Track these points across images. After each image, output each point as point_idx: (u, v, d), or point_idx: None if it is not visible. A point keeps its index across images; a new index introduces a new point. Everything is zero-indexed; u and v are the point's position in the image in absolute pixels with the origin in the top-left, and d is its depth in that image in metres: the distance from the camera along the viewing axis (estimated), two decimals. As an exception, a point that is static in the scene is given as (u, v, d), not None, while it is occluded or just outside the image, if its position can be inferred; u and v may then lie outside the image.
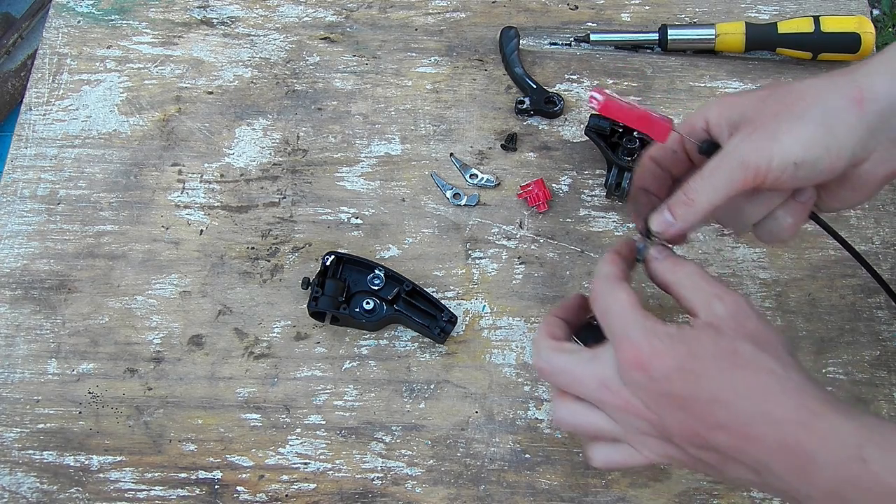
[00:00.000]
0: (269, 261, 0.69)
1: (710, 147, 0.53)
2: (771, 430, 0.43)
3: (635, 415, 0.46)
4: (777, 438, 0.43)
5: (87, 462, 0.62)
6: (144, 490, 0.61)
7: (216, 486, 0.61)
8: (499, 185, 0.72)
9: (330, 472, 0.61)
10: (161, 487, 0.61)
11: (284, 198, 0.72)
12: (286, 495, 0.61)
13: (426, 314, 0.64)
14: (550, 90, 0.75)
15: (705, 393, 0.45)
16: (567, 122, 0.74)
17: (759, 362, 0.45)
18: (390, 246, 0.69)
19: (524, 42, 0.78)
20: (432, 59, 0.78)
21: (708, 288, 0.48)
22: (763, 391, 0.44)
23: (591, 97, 0.55)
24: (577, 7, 0.81)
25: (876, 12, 1.90)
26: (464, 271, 0.68)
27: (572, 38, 0.78)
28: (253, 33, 0.79)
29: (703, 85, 0.76)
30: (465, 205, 0.71)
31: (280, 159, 0.73)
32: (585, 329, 0.55)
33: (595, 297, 0.49)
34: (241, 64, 0.78)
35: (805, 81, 0.49)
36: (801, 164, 0.47)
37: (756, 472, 0.44)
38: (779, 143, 0.47)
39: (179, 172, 0.73)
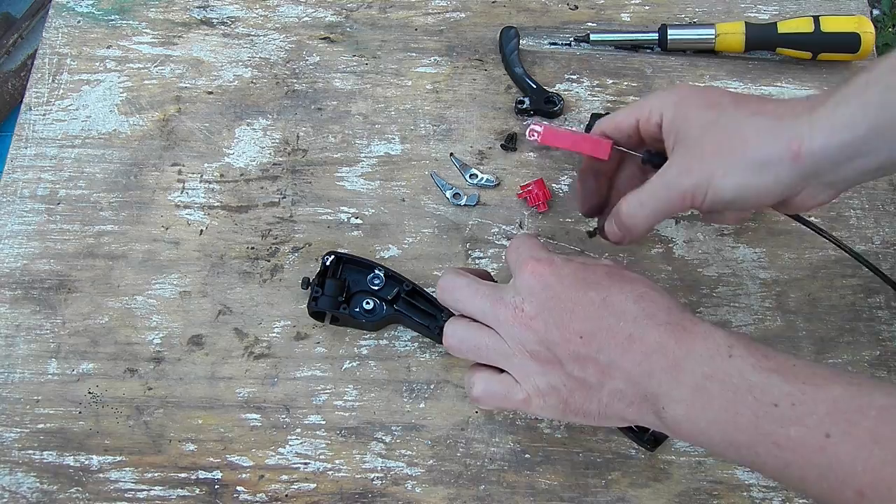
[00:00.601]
0: (269, 261, 0.69)
1: (652, 158, 0.58)
2: (653, 332, 0.48)
3: (524, 325, 0.50)
4: (656, 339, 0.47)
5: (87, 462, 0.62)
6: (144, 490, 0.61)
7: (216, 486, 0.61)
8: (499, 185, 0.72)
9: (330, 472, 0.61)
10: (161, 487, 0.61)
11: (284, 198, 0.72)
12: (286, 495, 0.61)
13: (426, 314, 0.64)
14: (550, 90, 0.75)
15: (596, 297, 0.50)
16: (567, 122, 0.74)
17: (643, 280, 0.52)
18: (390, 246, 0.69)
19: (524, 42, 0.78)
20: (432, 59, 0.78)
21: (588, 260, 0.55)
22: (649, 301, 0.49)
23: (531, 130, 0.60)
24: (577, 7, 0.81)
25: (876, 12, 1.90)
26: (464, 271, 0.68)
27: (572, 38, 0.78)
28: (253, 33, 0.79)
29: (703, 85, 0.76)
30: (465, 205, 0.71)
31: (280, 159, 0.73)
32: None
33: (511, 244, 0.56)
34: (241, 64, 0.78)
35: (749, 119, 0.51)
36: (732, 201, 0.52)
37: (631, 382, 0.47)
38: (713, 184, 0.51)
39: (179, 172, 0.73)
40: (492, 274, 0.62)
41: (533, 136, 0.61)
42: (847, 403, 0.41)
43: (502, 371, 0.53)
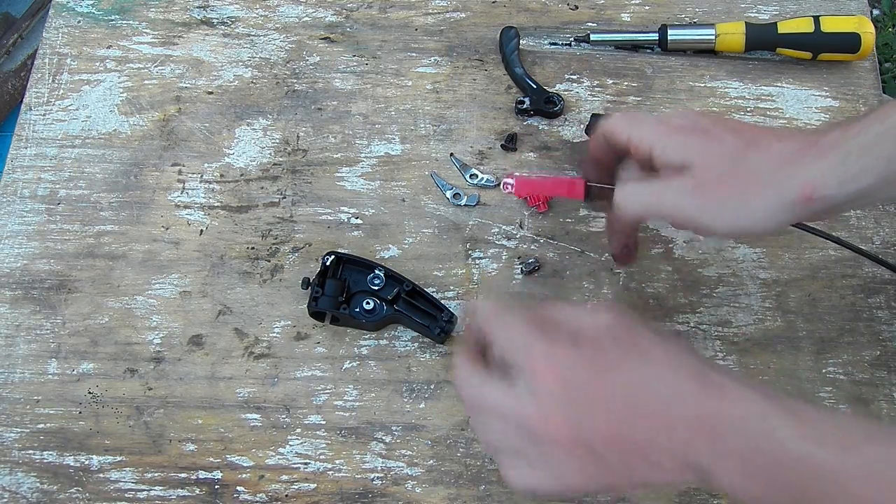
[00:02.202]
0: (269, 261, 0.69)
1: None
2: (685, 406, 0.45)
3: (549, 429, 0.46)
4: (694, 413, 0.45)
5: (87, 462, 0.62)
6: (144, 490, 0.61)
7: (216, 486, 0.61)
8: (499, 185, 0.72)
9: (330, 472, 0.61)
10: (161, 487, 0.61)
11: (284, 198, 0.72)
12: (286, 495, 0.61)
13: (426, 314, 0.64)
14: (550, 90, 0.75)
15: (618, 383, 0.46)
16: (567, 122, 0.74)
17: (661, 347, 0.48)
18: (390, 246, 0.69)
19: (524, 42, 0.78)
20: (432, 59, 0.78)
21: (582, 309, 0.51)
22: (673, 371, 0.46)
23: (504, 184, 0.61)
24: (577, 7, 0.81)
25: (876, 12, 1.90)
26: (464, 271, 0.68)
27: (572, 38, 0.78)
28: (253, 33, 0.79)
29: (703, 85, 0.76)
30: (465, 205, 0.71)
31: (280, 159, 0.73)
32: None
33: (493, 325, 0.50)
34: (241, 64, 0.78)
35: (758, 161, 0.51)
36: (738, 234, 0.53)
37: (671, 455, 0.45)
38: (723, 218, 0.51)
39: (179, 172, 0.73)
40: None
41: (507, 188, 0.62)
42: (887, 465, 0.41)
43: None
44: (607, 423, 0.46)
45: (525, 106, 0.74)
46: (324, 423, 0.63)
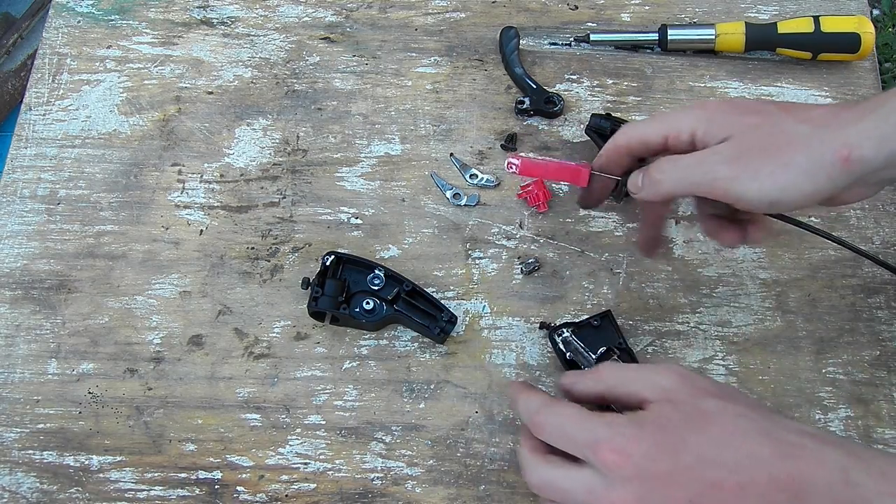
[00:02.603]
0: (269, 261, 0.69)
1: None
2: (761, 472, 0.44)
3: None
4: (768, 477, 0.43)
5: (87, 462, 0.62)
6: (144, 490, 0.61)
7: (216, 486, 0.61)
8: (499, 185, 0.72)
9: (330, 472, 0.61)
10: (161, 487, 0.61)
11: (284, 198, 0.72)
12: (286, 495, 0.61)
13: (426, 314, 0.64)
14: (550, 90, 0.75)
15: (689, 459, 0.45)
16: (567, 122, 0.74)
17: (726, 411, 0.46)
18: (390, 246, 0.69)
19: (524, 42, 0.78)
20: (432, 59, 0.78)
21: (639, 372, 0.50)
22: (742, 436, 0.45)
23: (509, 163, 0.60)
24: (577, 7, 0.81)
25: (876, 12, 1.90)
26: (464, 271, 0.68)
27: (572, 38, 0.78)
28: (253, 33, 0.79)
29: (703, 85, 0.76)
30: (465, 205, 0.71)
31: (280, 159, 0.73)
32: None
33: (545, 424, 0.49)
34: (241, 64, 0.78)
35: (796, 125, 0.51)
36: (775, 202, 0.50)
37: None
38: (759, 183, 0.50)
39: (179, 172, 0.73)
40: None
41: (511, 168, 0.61)
42: None
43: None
44: (680, 499, 0.44)
45: (525, 106, 0.74)
46: (324, 423, 0.63)
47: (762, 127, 0.51)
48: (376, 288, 0.65)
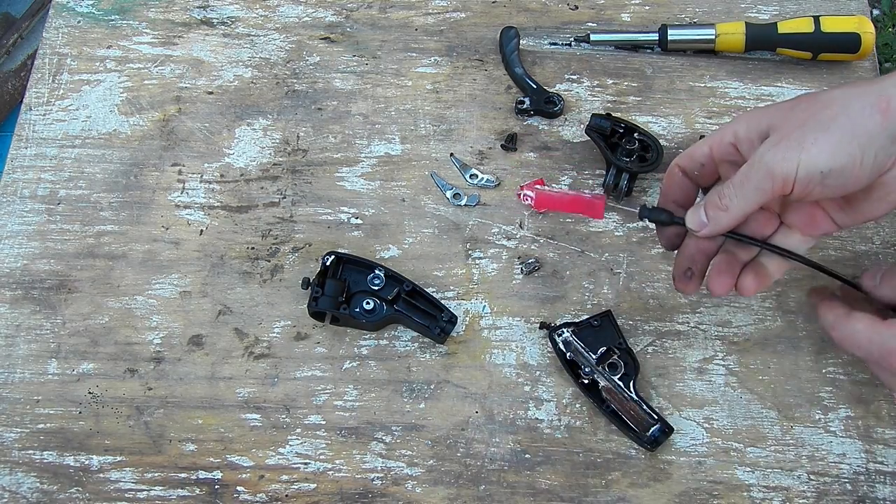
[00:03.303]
0: (269, 261, 0.69)
1: (649, 213, 0.56)
2: None
3: None
4: None
5: (87, 462, 0.62)
6: (144, 490, 0.61)
7: (216, 486, 0.61)
8: (499, 185, 0.72)
9: (330, 472, 0.61)
10: (161, 487, 0.61)
11: (284, 198, 0.72)
12: (286, 495, 0.61)
13: (426, 314, 0.64)
14: (550, 90, 0.75)
15: None
16: (567, 122, 0.74)
17: None
18: (390, 246, 0.69)
19: (524, 42, 0.78)
20: (432, 59, 0.78)
21: None
22: None
23: (524, 195, 0.59)
24: (577, 7, 0.81)
25: (876, 12, 1.90)
26: (464, 271, 0.68)
27: (572, 38, 0.78)
28: (253, 33, 0.79)
29: (703, 85, 0.76)
30: (465, 205, 0.71)
31: (280, 159, 0.73)
32: None
33: (841, 338, 0.53)
34: (241, 64, 0.78)
35: (832, 90, 0.50)
36: (827, 173, 0.48)
37: None
38: (805, 153, 0.48)
39: (179, 172, 0.73)
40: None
41: (526, 200, 0.61)
42: None
43: None
44: None
45: (525, 106, 0.74)
46: (324, 423, 0.63)
47: (799, 106, 0.51)
48: (376, 288, 0.65)
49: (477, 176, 0.72)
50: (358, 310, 0.64)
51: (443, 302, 0.64)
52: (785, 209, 0.56)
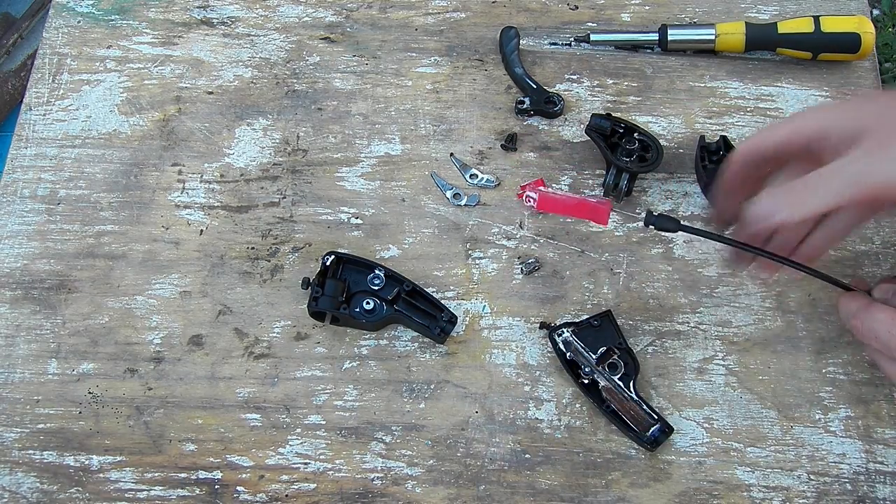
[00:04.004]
0: (269, 261, 0.69)
1: (655, 220, 0.55)
2: None
3: None
4: None
5: (87, 462, 0.62)
6: (144, 490, 0.61)
7: (216, 486, 0.61)
8: (499, 185, 0.72)
9: (330, 472, 0.61)
10: (161, 487, 0.61)
11: (284, 198, 0.72)
12: (286, 495, 0.61)
13: (426, 314, 0.64)
14: (550, 90, 0.75)
15: None
16: (567, 122, 0.74)
17: None
18: (390, 246, 0.69)
19: (524, 42, 0.78)
20: (432, 59, 0.78)
21: None
22: None
23: (527, 197, 0.59)
24: (577, 7, 0.81)
25: (876, 12, 1.90)
26: (464, 271, 0.68)
27: (572, 38, 0.78)
28: (253, 33, 0.79)
29: (703, 85, 0.76)
30: (465, 205, 0.71)
31: (280, 159, 0.73)
32: None
33: (861, 329, 0.53)
34: (241, 64, 0.78)
35: None
36: None
37: None
38: None
39: (179, 172, 0.73)
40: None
41: (529, 202, 0.61)
42: None
43: None
44: None
45: (525, 106, 0.74)
46: (324, 423, 0.63)
47: (891, 107, 0.49)
48: (376, 288, 0.65)
49: (477, 176, 0.72)
50: (358, 310, 0.64)
51: (443, 302, 0.64)
52: None
